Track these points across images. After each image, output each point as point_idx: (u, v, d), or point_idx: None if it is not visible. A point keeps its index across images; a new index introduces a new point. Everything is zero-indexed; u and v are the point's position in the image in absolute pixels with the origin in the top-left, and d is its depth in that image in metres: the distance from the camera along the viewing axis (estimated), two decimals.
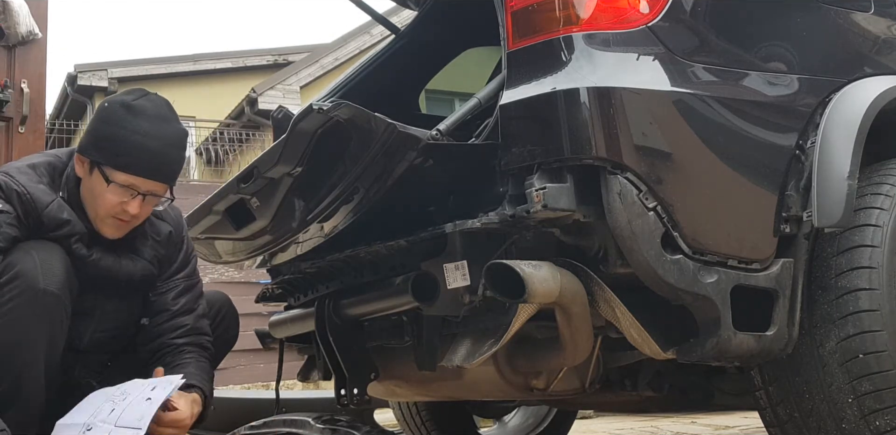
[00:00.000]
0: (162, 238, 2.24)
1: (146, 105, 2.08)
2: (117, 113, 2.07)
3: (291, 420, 2.32)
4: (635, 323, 1.64)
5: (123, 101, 2.08)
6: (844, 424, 1.73)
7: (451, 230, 1.75)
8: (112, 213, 2.08)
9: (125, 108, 2.06)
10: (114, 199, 2.05)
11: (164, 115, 2.10)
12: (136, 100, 2.08)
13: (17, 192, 2.01)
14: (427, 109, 3.21)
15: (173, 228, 2.28)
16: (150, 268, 2.21)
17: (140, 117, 2.05)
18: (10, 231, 1.98)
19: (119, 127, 2.05)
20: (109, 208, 2.07)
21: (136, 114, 2.05)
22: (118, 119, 2.06)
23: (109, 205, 2.06)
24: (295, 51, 13.51)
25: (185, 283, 2.28)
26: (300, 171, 1.84)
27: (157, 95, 2.13)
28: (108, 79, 12.80)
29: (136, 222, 2.13)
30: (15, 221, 2.00)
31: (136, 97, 2.09)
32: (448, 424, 3.08)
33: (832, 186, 1.76)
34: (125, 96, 2.11)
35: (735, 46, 1.87)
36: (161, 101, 2.12)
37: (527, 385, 2.00)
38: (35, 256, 1.98)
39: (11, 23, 3.60)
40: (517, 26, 1.80)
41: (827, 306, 1.77)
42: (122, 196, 2.05)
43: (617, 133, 1.62)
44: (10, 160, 3.26)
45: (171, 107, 2.14)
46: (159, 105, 2.11)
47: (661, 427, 4.08)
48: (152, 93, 2.14)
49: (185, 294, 2.27)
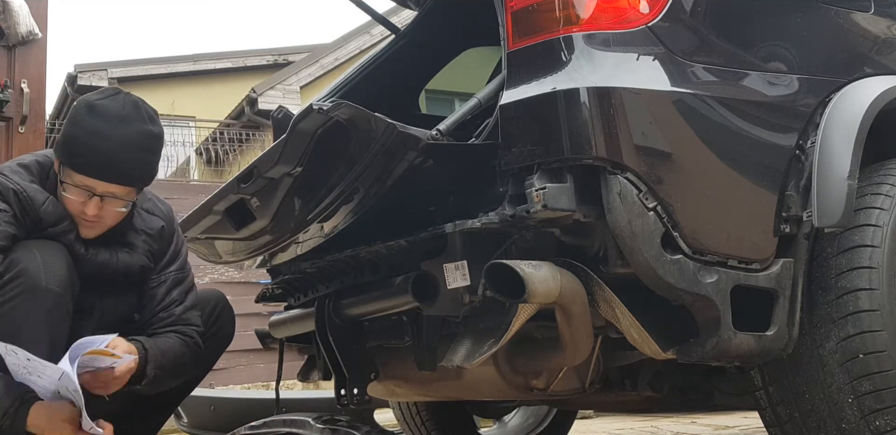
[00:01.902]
0: (154, 232, 2.25)
1: (109, 105, 2.04)
2: (80, 113, 2.05)
3: (291, 420, 2.32)
4: (635, 323, 1.64)
5: (87, 101, 2.06)
6: (844, 424, 1.73)
7: (451, 230, 1.75)
8: (75, 213, 2.07)
9: (88, 107, 2.04)
10: (73, 199, 2.05)
11: (126, 115, 2.05)
12: (101, 99, 2.05)
13: (13, 190, 2.02)
14: (427, 109, 3.21)
15: (165, 222, 2.28)
16: (145, 261, 2.22)
17: (98, 117, 2.02)
18: (9, 229, 1.99)
19: (78, 127, 2.03)
20: (72, 208, 2.07)
21: (95, 114, 2.03)
22: (79, 119, 2.04)
23: (71, 205, 2.06)
24: (295, 51, 13.51)
25: (174, 275, 2.28)
26: (300, 172, 1.83)
27: (127, 95, 2.09)
28: (108, 79, 12.80)
29: (104, 223, 2.11)
30: (12, 220, 2.00)
31: (102, 97, 2.06)
32: (448, 424, 3.08)
33: (832, 186, 1.76)
34: (94, 95, 2.08)
35: (735, 46, 1.87)
36: (128, 101, 2.07)
37: (527, 385, 2.00)
38: (37, 254, 1.99)
39: (11, 23, 3.61)
40: (517, 26, 1.80)
41: (827, 306, 1.77)
42: (80, 196, 2.05)
43: (617, 133, 1.62)
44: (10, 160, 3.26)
45: (138, 106, 2.08)
46: (124, 105, 2.06)
47: (661, 427, 4.08)
48: (124, 92, 2.09)
49: (176, 287, 2.27)
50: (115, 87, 2.14)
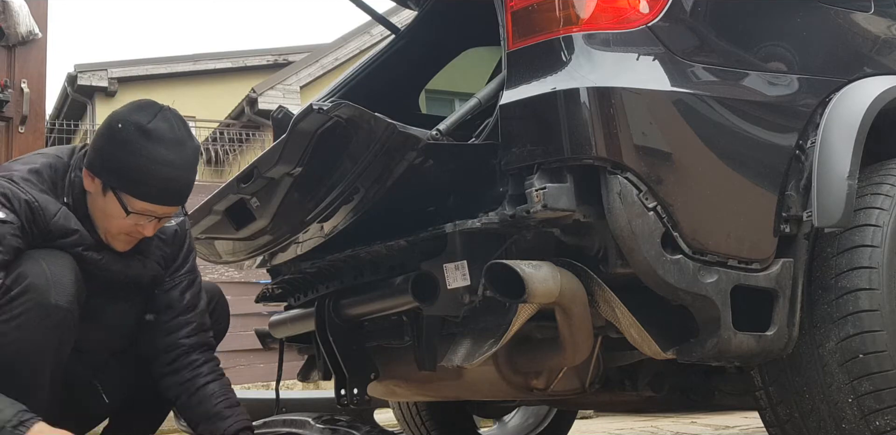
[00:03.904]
0: (168, 236, 2.23)
1: (162, 127, 1.98)
2: (133, 138, 1.96)
3: (291, 420, 2.32)
4: (635, 323, 1.64)
5: (139, 125, 1.97)
6: (844, 424, 1.73)
7: (451, 230, 1.75)
8: (125, 231, 2.05)
9: (142, 133, 1.96)
10: (129, 222, 2.02)
11: (181, 137, 2.00)
12: (152, 122, 1.97)
13: (25, 200, 1.97)
14: (427, 109, 3.21)
15: (178, 226, 2.26)
16: (157, 268, 2.20)
17: (159, 144, 1.96)
18: (14, 242, 1.94)
19: (138, 155, 1.96)
20: (123, 228, 2.04)
21: (154, 140, 1.96)
22: (136, 146, 1.96)
23: (125, 226, 2.03)
24: (295, 51, 13.53)
25: (188, 278, 2.27)
26: (300, 171, 1.83)
27: (170, 110, 2.03)
28: (108, 79, 12.81)
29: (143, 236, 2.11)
30: (19, 232, 1.95)
31: (151, 118, 1.98)
32: (448, 424, 3.08)
33: (832, 186, 1.76)
34: (139, 116, 1.99)
35: (735, 46, 1.87)
36: (175, 119, 2.02)
37: (527, 385, 2.00)
38: (46, 268, 1.95)
39: (11, 23, 3.60)
40: (517, 26, 1.80)
41: (827, 306, 1.77)
42: (138, 220, 2.02)
43: (617, 133, 1.62)
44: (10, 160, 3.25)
45: (184, 121, 2.05)
46: (175, 125, 2.01)
47: (661, 427, 4.08)
48: (164, 106, 2.04)
49: (189, 289, 2.26)
50: (152, 102, 2.05)
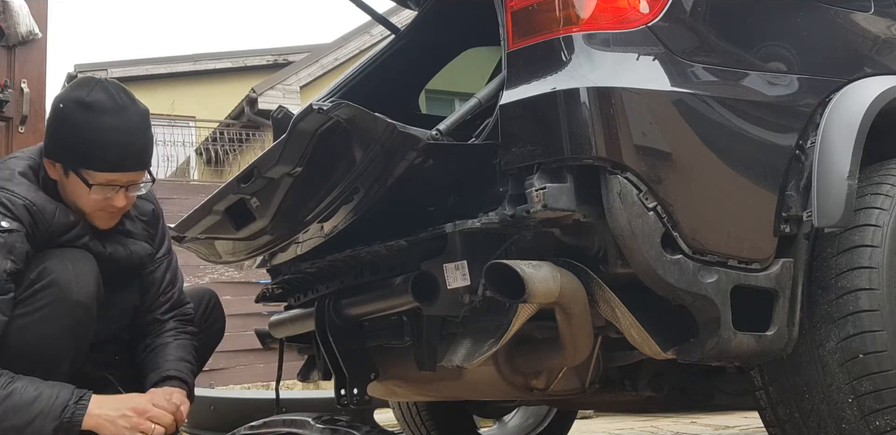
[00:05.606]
0: (149, 217, 2.28)
1: (102, 98, 2.02)
2: (76, 114, 2.01)
3: (291, 420, 2.32)
4: (635, 323, 1.64)
5: (79, 100, 2.02)
6: (844, 424, 1.73)
7: (451, 230, 1.75)
8: (99, 208, 2.08)
9: (83, 107, 2.01)
10: (98, 196, 2.06)
11: (123, 103, 2.04)
12: (90, 94, 2.02)
13: (24, 205, 2.00)
14: (427, 109, 3.21)
15: (154, 204, 2.30)
16: (149, 247, 2.25)
17: (102, 113, 2.00)
18: (23, 248, 1.97)
19: (84, 129, 2.00)
20: (95, 205, 2.07)
21: (96, 110, 2.00)
22: (80, 120, 2.01)
23: (95, 202, 2.07)
24: (295, 51, 13.53)
25: (167, 258, 2.34)
26: (300, 171, 1.83)
27: (107, 81, 2.07)
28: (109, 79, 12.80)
29: (125, 209, 2.15)
30: (25, 239, 1.98)
31: (89, 91, 2.02)
32: (448, 424, 3.08)
33: (832, 186, 1.76)
34: (77, 92, 2.04)
35: (735, 46, 1.87)
36: (115, 88, 2.06)
37: (527, 385, 1.99)
38: (70, 266, 2.00)
39: (11, 23, 3.60)
40: (517, 26, 1.80)
41: (827, 306, 1.77)
42: (105, 192, 2.06)
43: (617, 133, 1.62)
44: None
45: (125, 89, 2.08)
46: (114, 94, 2.04)
47: (661, 427, 4.08)
48: (101, 79, 2.07)
49: (169, 268, 2.33)
50: (88, 78, 2.08)
